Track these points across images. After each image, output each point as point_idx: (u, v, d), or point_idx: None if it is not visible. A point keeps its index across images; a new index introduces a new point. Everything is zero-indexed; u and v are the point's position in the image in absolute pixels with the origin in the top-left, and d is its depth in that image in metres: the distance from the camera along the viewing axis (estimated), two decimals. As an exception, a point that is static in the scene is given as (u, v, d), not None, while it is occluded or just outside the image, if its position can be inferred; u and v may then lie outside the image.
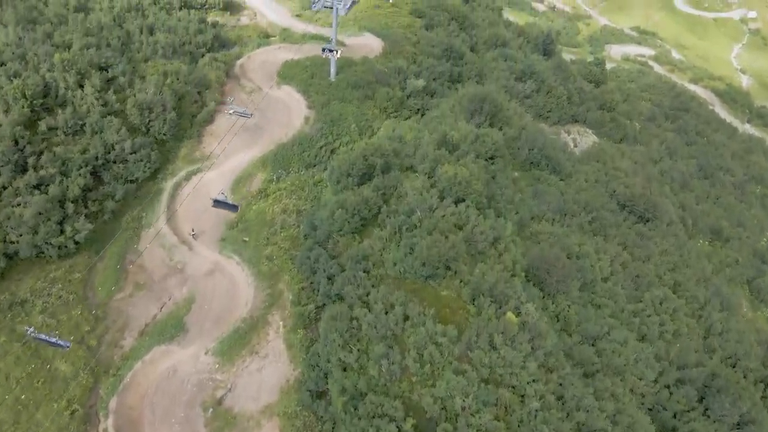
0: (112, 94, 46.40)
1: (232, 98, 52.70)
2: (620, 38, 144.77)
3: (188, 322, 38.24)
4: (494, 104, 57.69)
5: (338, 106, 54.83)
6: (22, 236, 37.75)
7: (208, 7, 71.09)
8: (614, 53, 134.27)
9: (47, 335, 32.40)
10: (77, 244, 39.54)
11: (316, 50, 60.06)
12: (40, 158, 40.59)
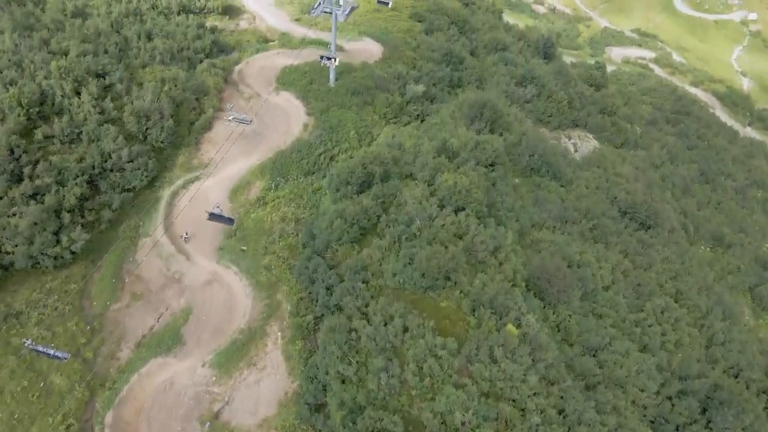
0: (109, 101, 45.99)
1: (231, 105, 52.32)
2: (621, 40, 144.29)
3: (185, 333, 37.84)
4: (494, 110, 57.32)
5: (337, 112, 54.44)
6: (17, 247, 37.31)
7: (206, 11, 70.64)
8: (615, 56, 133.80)
9: (45, 347, 32.00)
10: (73, 254, 39.06)
11: (315, 55, 59.62)
12: (36, 167, 40.16)
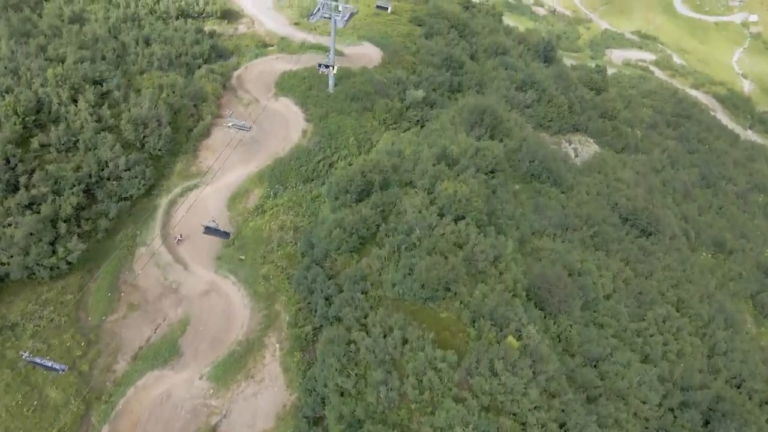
0: (106, 109, 45.57)
1: (231, 111, 51.93)
2: (621, 43, 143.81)
3: (183, 344, 37.46)
4: (494, 116, 56.95)
5: (337, 118, 54.07)
6: (12, 257, 36.90)
7: (205, 15, 70.20)
8: (615, 58, 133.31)
9: (42, 359, 31.62)
10: (69, 264, 38.64)
11: (314, 60, 59.33)
12: (32, 177, 39.75)
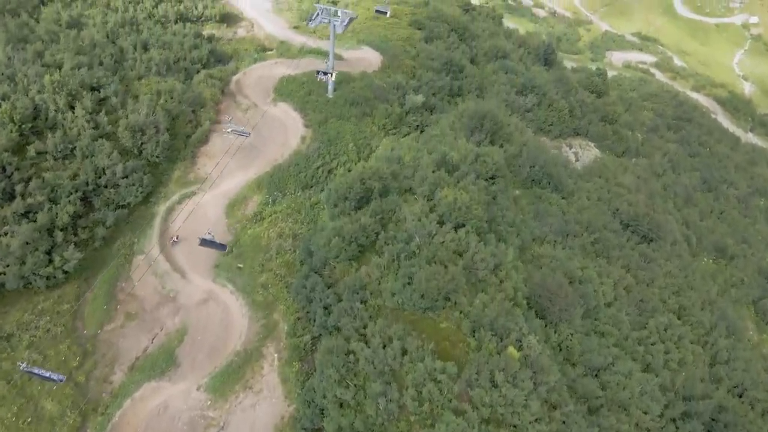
0: (103, 115, 45.22)
1: (230, 117, 51.63)
2: (621, 44, 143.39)
3: (180, 354, 37.10)
4: (495, 121, 56.67)
5: (336, 124, 53.73)
6: (8, 267, 36.51)
7: (204, 19, 69.98)
8: (615, 60, 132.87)
9: (39, 369, 31.30)
10: (66, 273, 38.30)
11: (313, 65, 59.08)
12: (28, 185, 39.37)
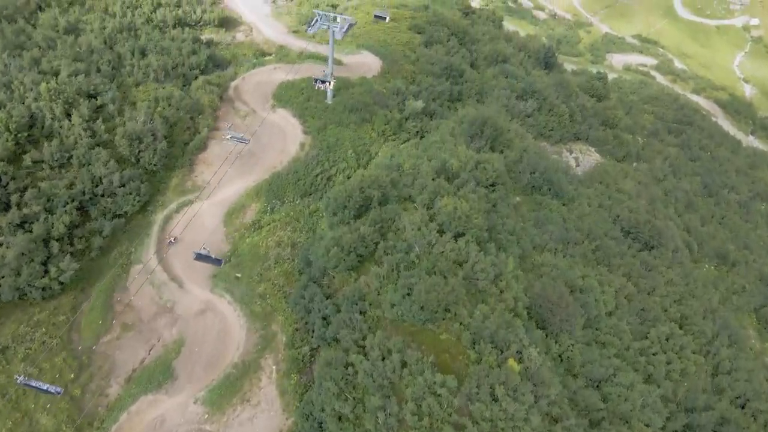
0: (100, 123, 44.86)
1: (230, 124, 51.23)
2: (622, 47, 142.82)
3: (177, 367, 36.75)
4: (495, 127, 56.21)
5: (335, 130, 53.34)
6: (3, 278, 36.23)
7: (203, 23, 69.55)
8: (616, 62, 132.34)
9: (36, 381, 30.92)
10: (62, 284, 37.98)
11: (313, 70, 58.64)
12: (24, 195, 39.05)
